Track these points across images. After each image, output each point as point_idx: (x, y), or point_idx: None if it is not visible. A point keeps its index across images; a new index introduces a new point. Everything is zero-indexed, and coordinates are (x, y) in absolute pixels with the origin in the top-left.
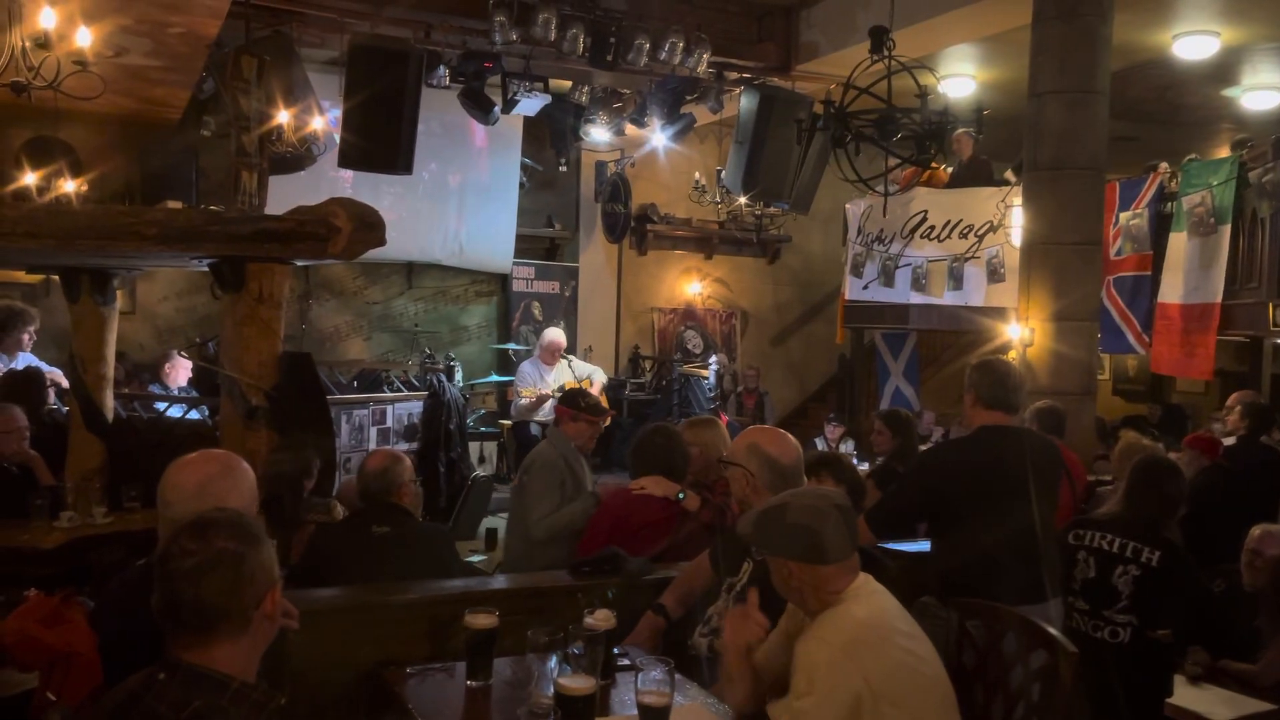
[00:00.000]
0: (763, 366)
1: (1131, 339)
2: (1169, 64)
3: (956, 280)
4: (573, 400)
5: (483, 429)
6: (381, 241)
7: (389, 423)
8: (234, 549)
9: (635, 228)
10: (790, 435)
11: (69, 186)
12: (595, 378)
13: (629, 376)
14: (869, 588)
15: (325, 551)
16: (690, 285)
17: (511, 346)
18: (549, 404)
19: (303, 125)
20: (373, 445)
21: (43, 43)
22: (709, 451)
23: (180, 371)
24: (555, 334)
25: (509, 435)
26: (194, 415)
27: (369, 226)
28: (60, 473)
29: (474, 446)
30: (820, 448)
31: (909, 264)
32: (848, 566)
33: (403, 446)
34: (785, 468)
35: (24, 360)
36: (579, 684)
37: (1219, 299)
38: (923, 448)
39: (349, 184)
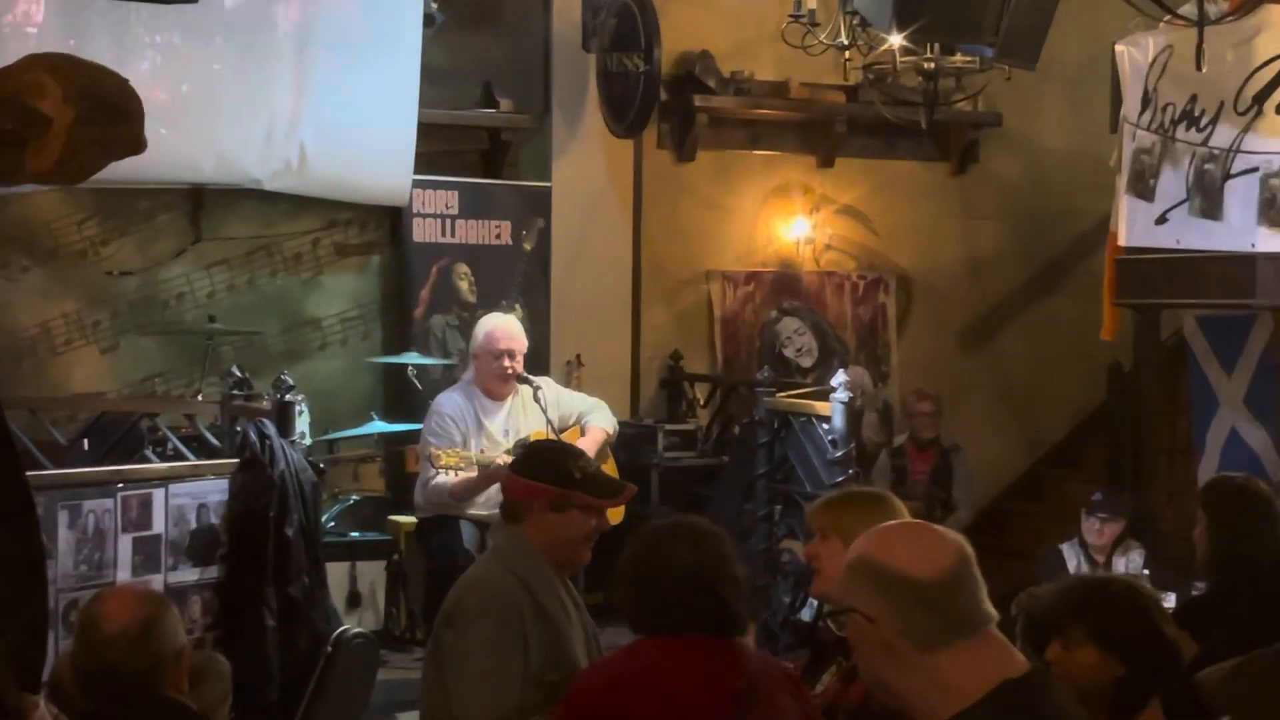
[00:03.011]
0: (947, 391)
1: None
2: None
3: None
4: (551, 465)
5: (356, 535)
6: (136, 145)
7: (157, 525)
8: None
9: (671, 104)
10: (938, 528)
11: None
12: (592, 420)
13: (661, 418)
14: None
15: None
16: (789, 223)
17: (414, 359)
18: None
19: None
20: (123, 576)
21: None
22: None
23: None
24: (503, 330)
25: (411, 546)
26: None
27: (112, 115)
28: None
29: (338, 572)
30: (1077, 563)
31: (1255, 169)
32: None
33: (187, 576)
34: (929, 587)
35: None
36: None
37: None
38: None
39: (50, 31)
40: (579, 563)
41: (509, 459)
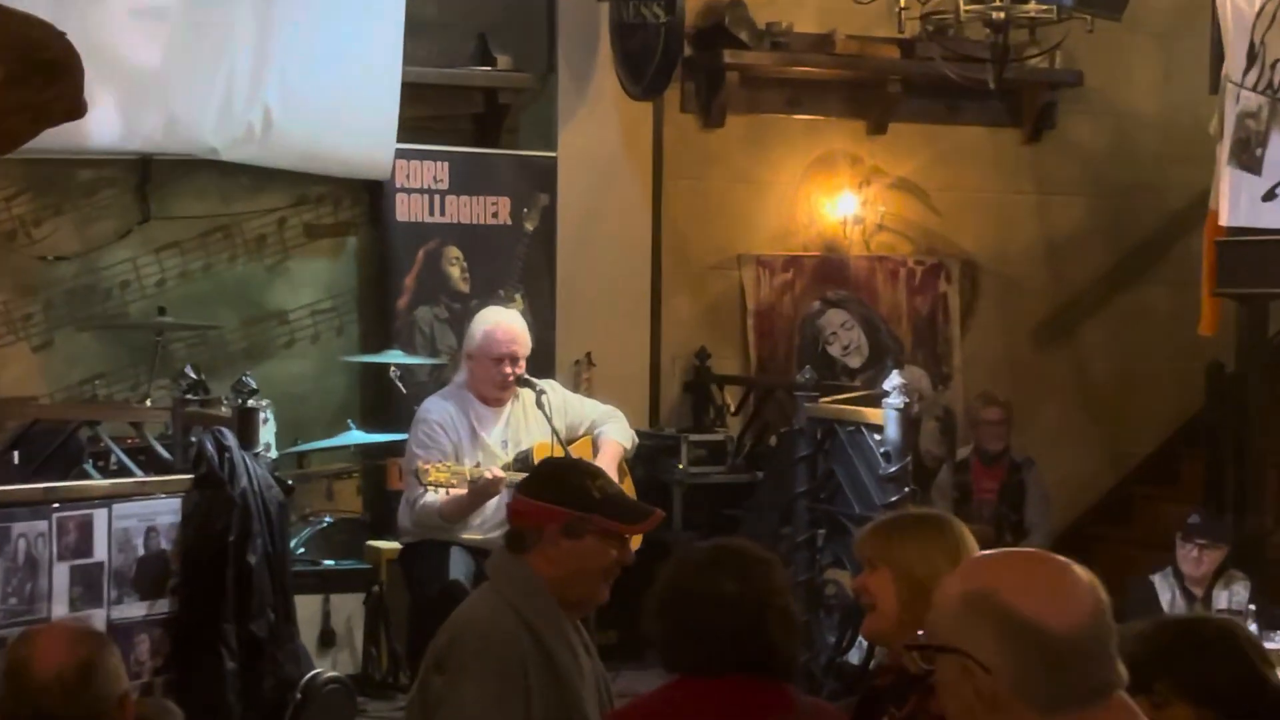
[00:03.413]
0: (1019, 396)
1: None
2: None
3: None
4: (565, 485)
5: (330, 563)
6: (73, 108)
7: (99, 551)
8: None
9: (696, 60)
10: (1076, 568)
11: None
12: (606, 431)
13: (685, 427)
14: None
15: None
16: (834, 199)
17: (397, 358)
18: (498, 498)
19: None
20: (59, 610)
21: None
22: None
23: None
24: (505, 330)
25: (394, 576)
26: None
27: (46, 73)
28: None
29: (309, 606)
30: (1171, 597)
31: None
32: None
33: (134, 611)
34: (1061, 642)
35: None
36: None
37: None
38: None
39: None
40: (595, 602)
41: (502, 474)
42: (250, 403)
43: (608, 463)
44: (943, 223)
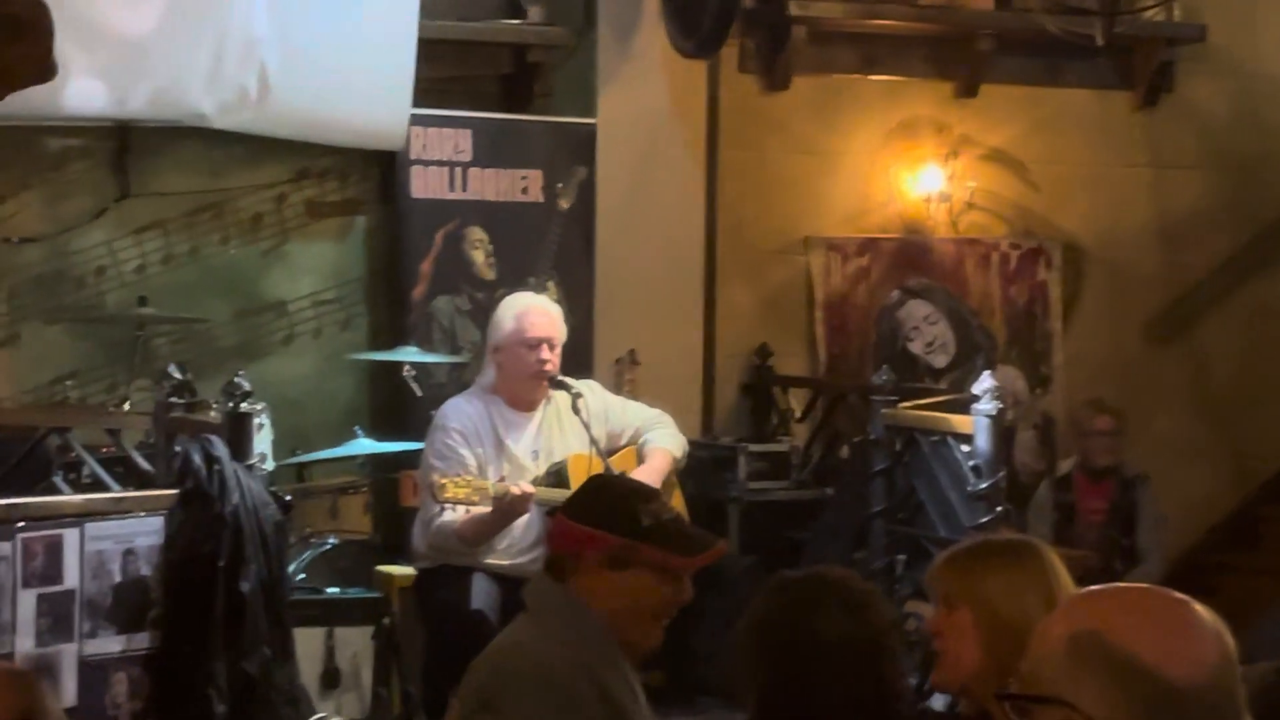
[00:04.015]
0: (1130, 402)
1: None
2: None
3: None
4: (609, 506)
5: (334, 592)
6: (43, 70)
7: (69, 577)
8: None
9: (758, 13)
10: (1198, 607)
11: None
12: (652, 439)
13: (743, 436)
14: None
15: None
16: (916, 172)
17: (412, 355)
18: (527, 517)
19: None
20: (25, 644)
21: None
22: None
23: None
24: (539, 312)
25: (407, 606)
26: None
27: (12, 29)
28: None
29: (310, 641)
30: None
31: None
32: None
33: (110, 646)
34: (1182, 694)
35: None
36: None
37: None
38: None
39: None
40: (646, 646)
41: (531, 489)
42: (243, 407)
43: (654, 475)
44: (1042, 200)
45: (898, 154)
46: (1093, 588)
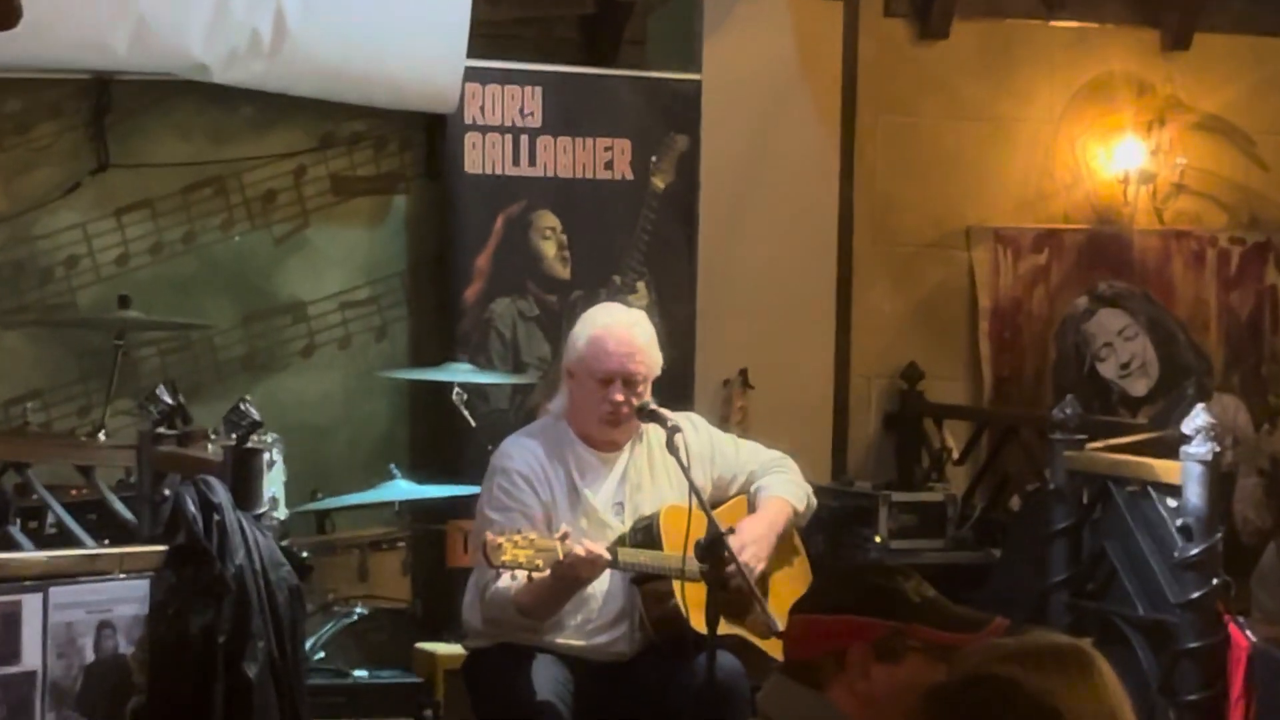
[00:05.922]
0: None
1: None
2: None
3: None
4: (870, 587)
5: (363, 675)
6: (7, 13)
7: (29, 656)
8: None
9: None
10: None
11: None
12: (768, 486)
13: (885, 482)
14: None
15: None
16: (1110, 145)
17: (464, 374)
18: (606, 586)
19: None
20: None
21: None
22: None
23: None
24: (621, 335)
25: (456, 694)
26: None
27: None
28: None
29: None
30: None
31: None
32: None
33: None
34: None
35: None
36: None
37: None
38: None
39: None
40: None
41: (599, 550)
42: (251, 440)
43: (767, 529)
44: (1272, 182)
45: (1087, 122)
46: None
